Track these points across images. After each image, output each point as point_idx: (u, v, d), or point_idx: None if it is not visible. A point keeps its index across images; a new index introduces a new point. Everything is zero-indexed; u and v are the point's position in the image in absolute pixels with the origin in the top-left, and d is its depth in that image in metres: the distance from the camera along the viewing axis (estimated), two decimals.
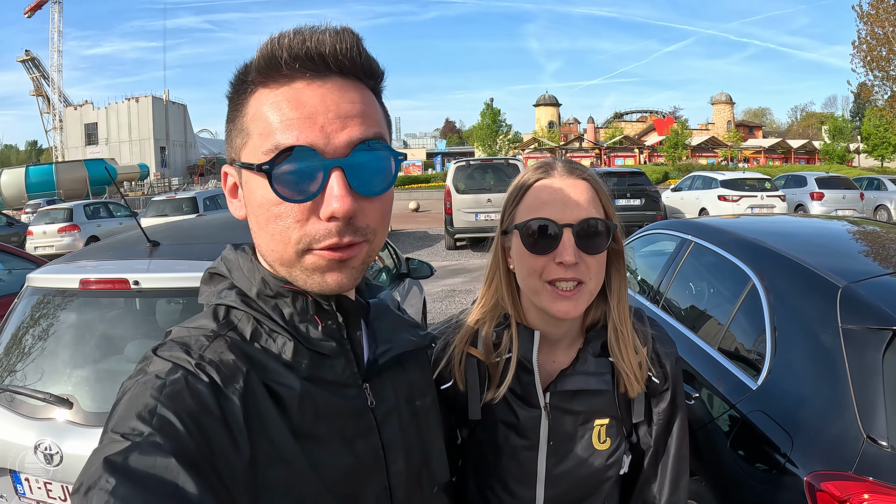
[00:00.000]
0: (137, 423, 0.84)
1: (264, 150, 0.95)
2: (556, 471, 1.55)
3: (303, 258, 0.98)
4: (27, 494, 3.00)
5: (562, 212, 1.42)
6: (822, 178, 23.31)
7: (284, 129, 0.94)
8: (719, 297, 3.75)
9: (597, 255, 1.44)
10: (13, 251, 7.80)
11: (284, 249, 0.98)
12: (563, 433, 1.55)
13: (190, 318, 1.07)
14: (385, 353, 1.15)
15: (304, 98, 0.95)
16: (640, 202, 19.59)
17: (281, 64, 0.95)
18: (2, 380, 3.21)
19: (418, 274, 6.59)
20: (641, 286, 5.03)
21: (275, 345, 1.02)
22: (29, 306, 3.41)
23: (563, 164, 1.51)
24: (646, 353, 1.57)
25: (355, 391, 1.08)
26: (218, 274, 1.12)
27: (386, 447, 1.11)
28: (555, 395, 1.54)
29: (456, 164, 18.11)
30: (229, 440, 0.89)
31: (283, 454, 0.95)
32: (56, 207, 22.83)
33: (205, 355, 0.95)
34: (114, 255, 3.62)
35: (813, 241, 3.72)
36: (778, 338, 2.84)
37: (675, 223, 4.96)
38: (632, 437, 1.64)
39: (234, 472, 0.88)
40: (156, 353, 0.97)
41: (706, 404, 3.14)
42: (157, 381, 0.89)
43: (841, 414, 2.32)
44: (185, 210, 19.01)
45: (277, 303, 1.04)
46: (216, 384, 0.92)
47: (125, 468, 0.79)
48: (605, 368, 1.54)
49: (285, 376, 0.99)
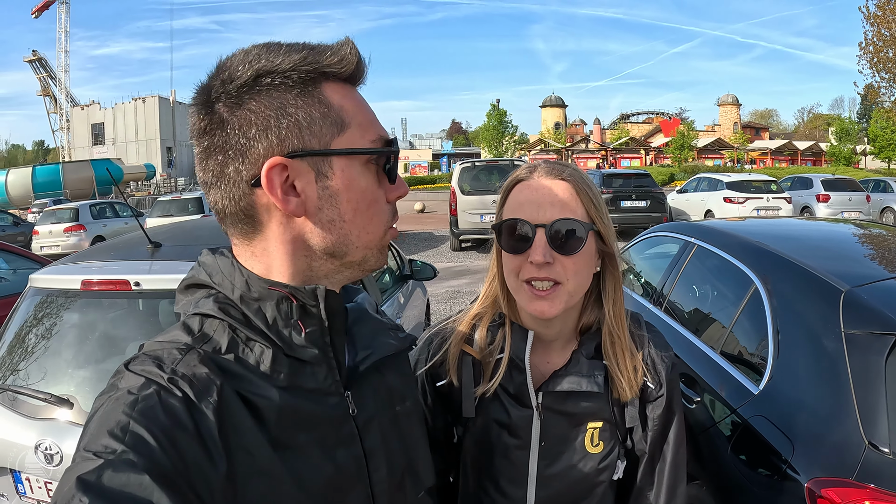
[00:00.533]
0: (110, 441, 0.82)
1: (371, 139, 1.04)
2: (547, 472, 1.56)
3: (385, 237, 1.10)
4: (28, 494, 3.01)
5: (536, 212, 1.44)
6: (828, 181, 23.24)
7: (376, 124, 1.07)
8: (722, 300, 3.73)
9: (573, 256, 1.43)
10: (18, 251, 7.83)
11: (380, 229, 1.07)
12: (555, 434, 1.55)
13: (163, 330, 1.05)
14: (366, 360, 1.14)
15: (362, 99, 1.08)
16: (646, 204, 19.64)
17: (362, 68, 1.05)
18: (3, 379, 3.22)
19: (422, 275, 6.58)
20: (644, 288, 5.02)
21: (252, 354, 1.00)
22: (31, 306, 3.43)
23: (547, 165, 1.51)
24: (641, 357, 1.57)
25: (336, 399, 1.07)
26: (195, 284, 1.08)
27: (368, 455, 1.10)
28: (547, 396, 1.53)
29: (461, 166, 18.14)
30: (204, 455, 0.87)
31: (262, 466, 0.93)
32: (62, 207, 22.96)
33: (177, 369, 0.93)
34: (116, 256, 3.63)
35: (816, 245, 3.70)
36: (780, 342, 2.82)
37: (678, 226, 4.95)
38: (626, 442, 1.63)
39: (211, 487, 0.87)
40: (127, 367, 0.94)
41: (707, 408, 3.13)
42: (129, 396, 0.88)
43: (842, 420, 2.30)
44: (190, 210, 19.07)
45: (261, 306, 1.01)
46: (189, 399, 0.90)
47: (98, 487, 0.78)
48: (599, 371, 1.54)
49: (262, 387, 0.97)
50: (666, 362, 1.61)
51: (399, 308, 5.97)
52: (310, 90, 0.99)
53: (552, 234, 1.41)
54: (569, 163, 1.57)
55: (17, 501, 3.04)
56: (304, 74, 0.98)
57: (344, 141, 1.00)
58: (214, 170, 1.00)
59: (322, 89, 1.00)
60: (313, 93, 0.99)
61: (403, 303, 6.22)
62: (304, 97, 0.98)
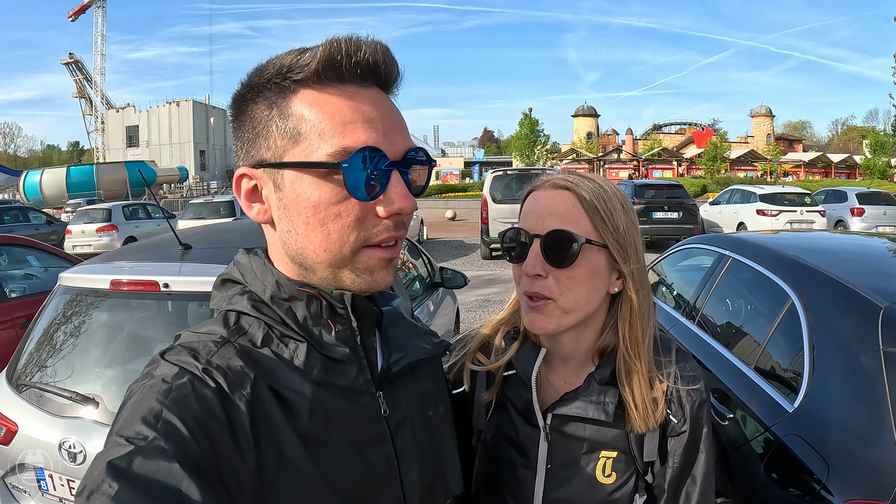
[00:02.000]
0: (142, 428, 0.83)
1: (329, 151, 0.95)
2: (553, 495, 1.48)
3: (357, 256, 1.00)
4: (50, 491, 3.03)
5: (534, 222, 1.40)
6: (862, 194, 22.87)
7: (349, 131, 0.96)
8: (757, 314, 3.67)
9: (566, 270, 1.37)
10: (50, 249, 7.92)
11: (341, 248, 0.99)
12: (563, 458, 1.48)
13: (201, 322, 1.06)
14: (399, 361, 1.13)
15: (360, 102, 0.99)
16: (678, 215, 19.53)
17: (342, 68, 0.97)
18: (31, 377, 3.25)
19: (452, 283, 6.59)
20: (677, 301, 4.96)
21: (286, 350, 1.01)
22: (60, 305, 3.46)
23: (557, 175, 1.47)
24: (664, 390, 1.47)
25: (368, 399, 1.07)
26: (230, 280, 1.11)
27: (399, 457, 1.09)
28: (556, 418, 1.47)
29: (493, 174, 18.22)
30: (234, 447, 0.88)
31: (292, 461, 0.94)
32: (95, 207, 23.26)
33: (212, 361, 0.94)
34: (146, 257, 3.66)
35: (854, 259, 3.62)
36: (816, 358, 2.76)
37: (712, 238, 4.88)
38: (647, 475, 1.53)
39: (240, 478, 0.87)
40: (163, 356, 0.96)
41: (740, 425, 3.07)
42: (164, 385, 0.89)
43: (879, 440, 2.25)
44: (221, 213, 19.24)
45: (291, 306, 1.03)
46: (223, 390, 0.91)
47: (128, 473, 0.78)
48: (611, 399, 1.44)
49: (296, 381, 0.98)
50: (693, 397, 1.49)
51: (429, 315, 5.96)
52: (278, 101, 0.99)
53: (545, 245, 1.37)
54: (591, 174, 1.49)
55: (39, 498, 3.06)
56: (276, 86, 0.99)
57: (297, 153, 0.97)
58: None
59: (290, 99, 0.98)
60: (279, 103, 0.99)
61: (433, 310, 6.22)
62: (270, 108, 0.99)
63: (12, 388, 3.27)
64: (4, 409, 3.18)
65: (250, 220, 1.07)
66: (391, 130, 1.00)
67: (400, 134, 1.02)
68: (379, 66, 1.00)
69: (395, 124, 1.02)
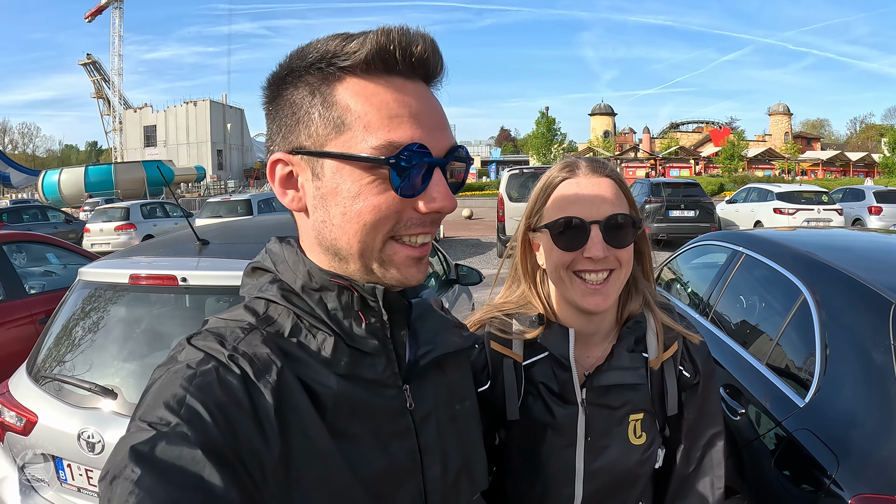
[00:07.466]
0: (165, 413, 0.83)
1: (374, 144, 0.94)
2: (593, 466, 1.57)
3: (383, 248, 0.99)
4: (68, 480, 3.08)
5: (589, 209, 1.50)
6: (880, 192, 22.74)
7: (396, 125, 0.95)
8: (769, 310, 3.67)
9: (625, 249, 1.50)
10: (69, 247, 7.98)
11: (373, 239, 0.98)
12: (599, 428, 1.57)
13: (228, 308, 1.06)
14: (427, 354, 1.13)
15: (407, 96, 0.97)
16: (694, 213, 19.41)
17: (393, 60, 0.96)
18: (50, 369, 3.31)
19: (467, 280, 6.58)
20: (691, 298, 4.96)
21: (314, 341, 1.00)
22: (80, 299, 3.51)
23: (587, 162, 1.58)
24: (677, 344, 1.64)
25: (394, 392, 1.06)
26: (261, 268, 1.11)
27: (423, 451, 1.09)
28: (591, 391, 1.57)
29: (509, 172, 18.13)
30: (259, 434, 0.88)
31: (318, 450, 0.93)
32: (113, 206, 23.47)
33: (238, 347, 0.94)
34: (164, 253, 3.71)
35: (868, 256, 3.60)
36: (828, 354, 2.76)
37: (726, 234, 4.88)
38: (665, 430, 1.67)
39: (264, 466, 0.87)
40: (190, 341, 0.96)
41: (752, 420, 3.07)
42: (188, 370, 0.89)
43: (890, 435, 2.25)
44: (239, 212, 19.21)
45: (322, 296, 1.03)
46: (248, 377, 0.90)
47: (150, 458, 0.79)
48: (640, 363, 1.59)
49: (322, 373, 0.98)
50: (701, 352, 1.69)
51: None
52: (321, 88, 0.97)
53: (606, 229, 1.47)
54: (588, 156, 1.62)
55: (57, 487, 3.11)
56: (319, 71, 0.97)
57: (340, 143, 0.96)
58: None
59: (334, 86, 0.97)
60: (322, 90, 0.97)
61: (449, 307, 6.17)
62: (312, 94, 0.98)
63: (32, 380, 3.32)
64: (24, 400, 3.23)
65: (267, 217, 1.07)
66: (436, 127, 0.99)
67: (443, 130, 1.00)
68: (428, 61, 0.99)
69: (439, 120, 1.01)
